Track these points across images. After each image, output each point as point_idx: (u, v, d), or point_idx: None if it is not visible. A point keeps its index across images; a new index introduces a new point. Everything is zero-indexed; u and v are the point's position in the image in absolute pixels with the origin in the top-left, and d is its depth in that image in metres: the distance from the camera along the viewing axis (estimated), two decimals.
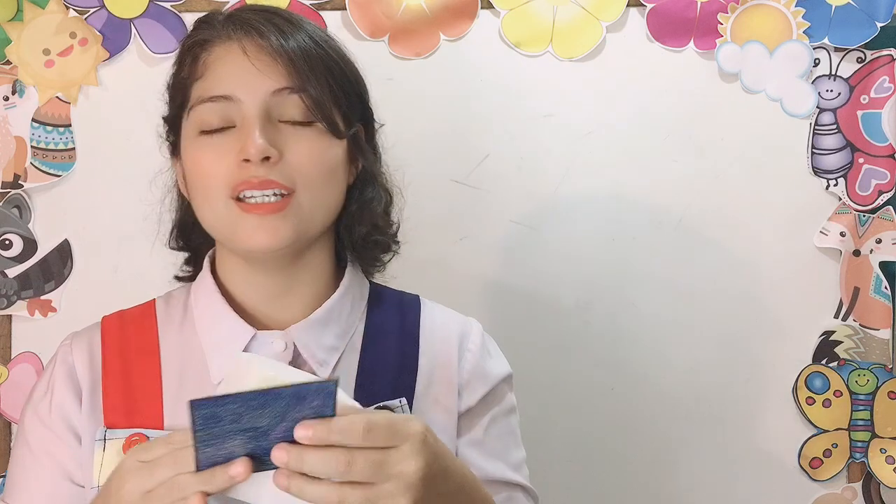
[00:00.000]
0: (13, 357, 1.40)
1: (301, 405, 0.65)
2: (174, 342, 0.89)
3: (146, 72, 1.38)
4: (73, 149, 1.40)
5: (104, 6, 1.38)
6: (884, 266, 1.41)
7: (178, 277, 0.98)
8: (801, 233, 1.41)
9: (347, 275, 0.92)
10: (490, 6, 1.39)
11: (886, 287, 1.41)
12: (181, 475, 0.67)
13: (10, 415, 1.39)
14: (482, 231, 1.42)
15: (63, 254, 1.41)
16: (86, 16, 1.38)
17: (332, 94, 0.85)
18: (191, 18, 1.34)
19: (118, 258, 1.40)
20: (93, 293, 1.40)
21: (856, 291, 1.41)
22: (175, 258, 0.99)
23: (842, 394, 1.41)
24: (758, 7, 1.38)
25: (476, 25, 1.39)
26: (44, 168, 1.40)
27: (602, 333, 1.43)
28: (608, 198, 1.42)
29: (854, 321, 1.41)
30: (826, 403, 1.41)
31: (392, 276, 0.98)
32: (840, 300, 1.42)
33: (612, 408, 1.43)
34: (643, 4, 1.39)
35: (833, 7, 1.37)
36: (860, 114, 1.40)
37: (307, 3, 1.37)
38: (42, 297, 1.40)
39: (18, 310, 1.40)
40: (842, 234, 1.40)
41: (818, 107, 1.40)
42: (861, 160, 1.40)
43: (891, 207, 1.40)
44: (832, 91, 1.40)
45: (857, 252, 1.41)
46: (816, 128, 1.40)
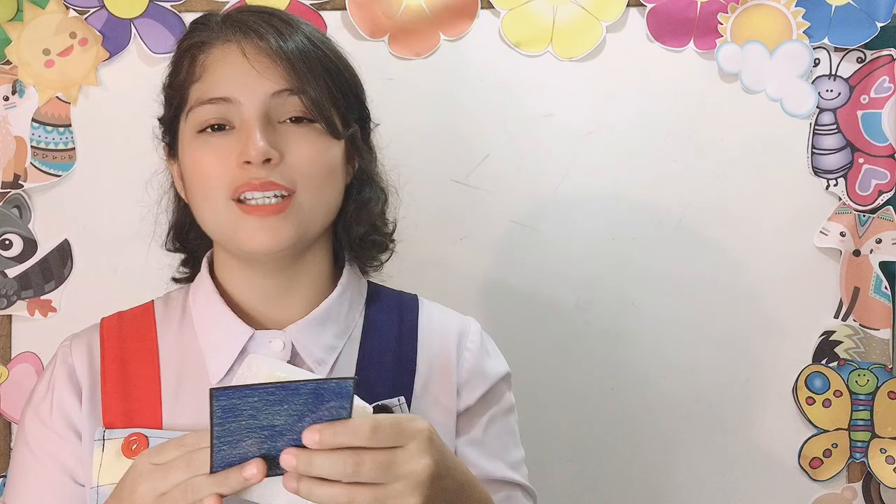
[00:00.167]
0: (13, 357, 1.40)
1: (318, 404, 0.65)
2: (173, 343, 0.89)
3: (146, 72, 1.38)
4: (73, 149, 1.40)
5: (104, 6, 1.38)
6: (884, 266, 1.41)
7: (176, 279, 0.98)
8: (801, 233, 1.41)
9: (345, 274, 0.92)
10: (490, 6, 1.39)
11: (886, 287, 1.41)
12: (196, 477, 0.68)
13: (10, 415, 1.39)
14: (482, 231, 1.42)
15: (63, 254, 1.41)
16: (86, 16, 1.38)
17: (331, 95, 0.85)
18: (191, 18, 1.33)
19: (118, 258, 1.40)
20: (93, 293, 1.40)
21: (856, 291, 1.41)
22: (174, 258, 0.99)
23: (842, 394, 1.41)
24: (758, 7, 1.38)
25: (476, 25, 1.39)
26: (44, 168, 1.40)
27: (602, 333, 1.43)
28: (608, 198, 1.42)
29: (854, 321, 1.41)
30: (826, 403, 1.41)
31: (389, 276, 0.98)
32: (840, 300, 1.42)
33: (612, 408, 1.43)
34: (643, 4, 1.39)
35: (833, 7, 1.37)
36: (860, 114, 1.40)
37: (307, 3, 1.37)
38: (42, 297, 1.41)
39: (18, 310, 1.41)
40: (842, 234, 1.40)
41: (818, 107, 1.40)
42: (861, 160, 1.40)
43: (891, 207, 1.40)
44: (832, 91, 1.40)
45: (857, 252, 1.41)
46: (816, 128, 1.40)
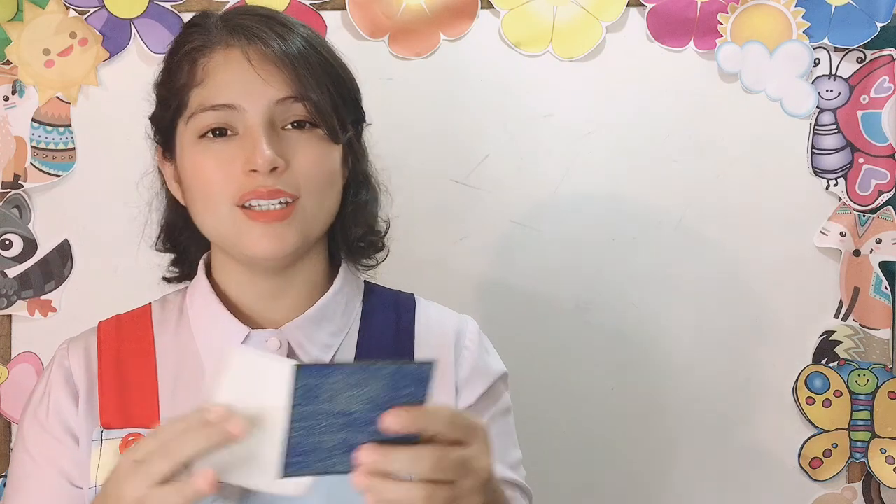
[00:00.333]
0: (13, 357, 1.40)
1: (395, 390, 0.64)
2: (170, 344, 0.89)
3: (146, 72, 1.34)
4: (73, 149, 1.40)
5: (104, 6, 1.38)
6: (884, 266, 1.41)
7: (166, 279, 0.98)
8: (801, 233, 1.41)
9: (341, 274, 0.93)
10: (490, 6, 1.39)
11: (886, 287, 1.41)
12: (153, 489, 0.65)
13: (10, 415, 1.39)
14: (482, 231, 1.42)
15: (63, 254, 1.41)
16: (86, 16, 1.38)
17: (332, 100, 0.85)
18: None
19: (118, 258, 1.40)
20: (93, 293, 1.40)
21: (856, 291, 1.41)
22: (171, 258, 0.99)
23: (842, 394, 1.41)
24: (758, 7, 1.38)
25: (476, 25, 1.39)
26: (44, 168, 1.40)
27: (602, 333, 1.43)
28: (608, 198, 1.42)
29: (854, 321, 1.41)
30: (826, 403, 1.41)
31: (387, 276, 0.97)
32: (840, 300, 1.42)
33: (612, 408, 1.43)
34: (643, 4, 1.39)
35: (833, 7, 1.37)
36: (860, 114, 1.40)
37: (307, 3, 1.37)
38: (42, 297, 1.41)
39: (18, 310, 1.41)
40: (842, 234, 1.40)
41: (818, 107, 1.40)
42: (861, 160, 1.40)
43: (891, 207, 1.40)
44: (832, 91, 1.40)
45: (857, 252, 1.41)
46: (816, 128, 1.40)
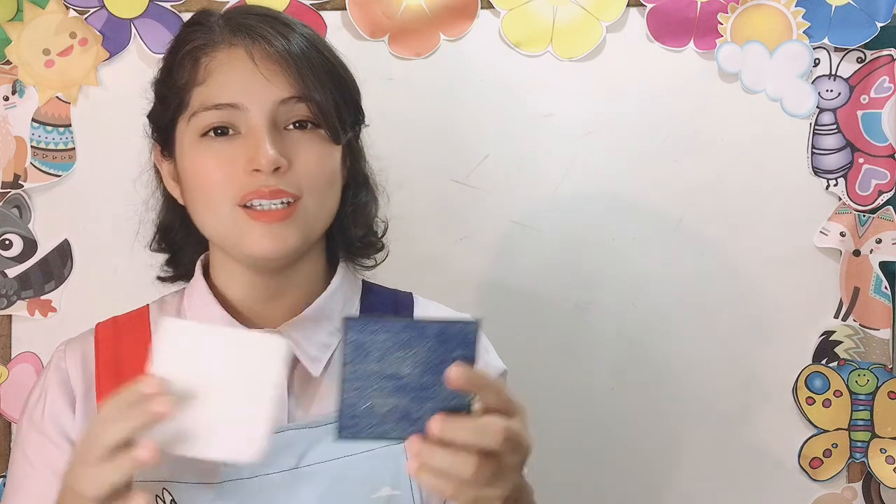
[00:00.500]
0: (13, 357, 1.40)
1: (443, 353, 0.65)
2: None
3: (146, 72, 1.34)
4: (73, 149, 1.40)
5: (104, 6, 1.38)
6: (884, 266, 1.41)
7: (161, 278, 0.98)
8: (801, 233, 1.41)
9: (339, 273, 0.93)
10: (490, 6, 1.39)
11: (886, 287, 1.41)
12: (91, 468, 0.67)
13: (10, 415, 1.39)
14: (482, 231, 1.42)
15: (63, 254, 1.41)
16: (86, 16, 1.38)
17: (334, 101, 0.85)
18: None
19: (118, 258, 1.40)
20: (93, 293, 1.40)
21: (856, 291, 1.41)
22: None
23: (842, 394, 1.41)
24: (758, 7, 1.38)
25: (476, 25, 1.39)
26: (44, 168, 1.40)
27: (602, 333, 1.43)
28: (608, 198, 1.42)
29: (854, 321, 1.41)
30: (826, 403, 1.41)
31: (387, 275, 0.97)
32: (840, 300, 1.42)
33: (612, 408, 1.43)
34: (643, 4, 1.38)
35: (833, 7, 1.37)
36: (860, 114, 1.40)
37: (307, 3, 1.37)
38: (42, 297, 1.40)
39: (18, 310, 1.40)
40: (842, 234, 1.40)
41: (818, 107, 1.40)
42: (861, 160, 1.40)
43: (891, 207, 1.40)
44: (832, 91, 1.40)
45: (857, 252, 1.41)
46: (816, 128, 1.40)
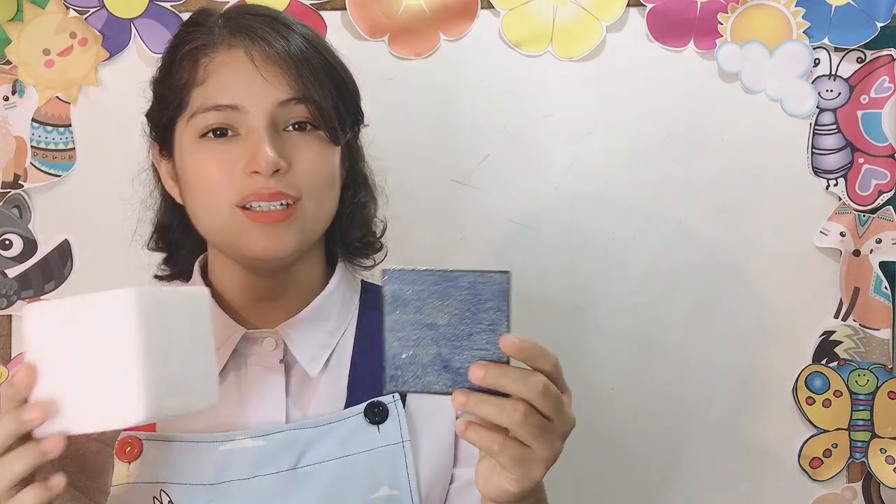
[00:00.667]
0: (13, 357, 1.40)
1: (477, 303, 0.67)
2: None
3: (146, 72, 1.35)
4: (73, 149, 1.40)
5: (104, 6, 1.38)
6: (884, 266, 1.41)
7: (158, 276, 0.98)
8: (801, 233, 1.41)
9: (337, 273, 0.93)
10: (490, 6, 1.39)
11: (886, 287, 1.41)
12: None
13: None
14: (482, 231, 1.42)
15: (63, 254, 1.41)
16: (86, 16, 1.38)
17: (334, 102, 0.85)
18: None
19: (118, 258, 1.39)
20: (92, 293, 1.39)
21: (856, 291, 1.41)
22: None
23: (842, 394, 1.41)
24: (758, 7, 1.38)
25: (476, 25, 1.39)
26: (44, 168, 1.40)
27: (602, 333, 1.43)
28: (608, 198, 1.42)
29: (854, 321, 1.41)
30: (826, 403, 1.41)
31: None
32: (840, 300, 1.42)
33: (612, 408, 1.43)
34: (643, 4, 1.38)
35: (833, 7, 1.37)
36: (860, 114, 1.40)
37: (307, 3, 1.37)
38: (42, 297, 1.40)
39: (18, 310, 1.40)
40: (842, 234, 1.40)
41: (818, 107, 1.40)
42: (861, 160, 1.40)
43: (891, 207, 1.40)
44: (832, 91, 1.40)
45: (857, 252, 1.41)
46: (816, 128, 1.40)
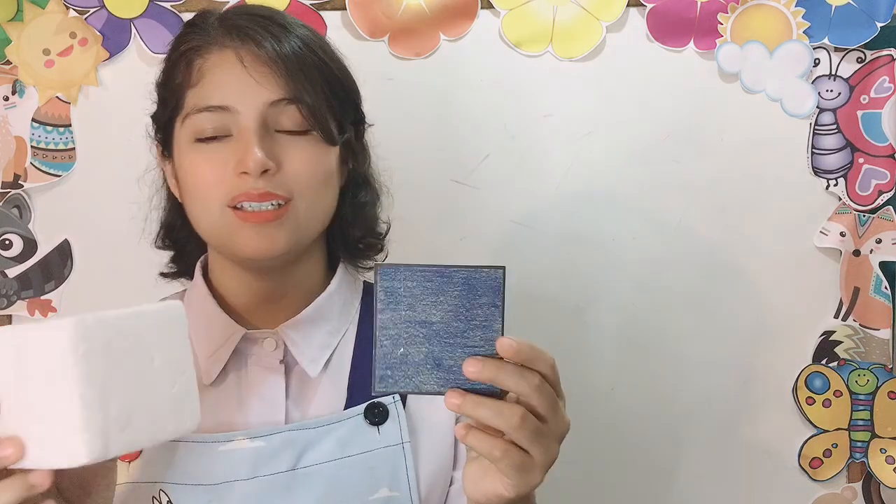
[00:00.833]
0: None
1: (471, 299, 0.67)
2: None
3: (146, 72, 1.36)
4: (73, 149, 1.40)
5: (104, 6, 1.38)
6: (884, 266, 1.41)
7: (164, 274, 0.98)
8: (801, 233, 1.41)
9: (338, 274, 0.93)
10: (490, 6, 1.39)
11: (886, 287, 1.41)
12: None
13: None
14: (482, 231, 1.42)
15: (63, 254, 1.41)
16: (86, 16, 1.38)
17: (328, 102, 0.85)
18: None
19: (118, 258, 1.40)
20: (93, 293, 1.39)
21: (856, 291, 1.41)
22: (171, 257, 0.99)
23: (842, 394, 1.41)
24: (758, 7, 1.38)
25: (476, 25, 1.39)
26: (44, 168, 1.40)
27: (602, 333, 1.43)
28: (608, 198, 1.42)
29: (854, 321, 1.41)
30: (826, 403, 1.41)
31: None
32: (840, 300, 1.42)
33: (612, 408, 1.43)
34: (643, 4, 1.38)
35: (833, 7, 1.37)
36: (860, 114, 1.40)
37: (307, 3, 1.37)
38: (42, 297, 1.40)
39: (18, 310, 1.40)
40: (842, 234, 1.40)
41: (818, 107, 1.40)
42: (861, 160, 1.40)
43: (891, 207, 1.40)
44: (832, 91, 1.40)
45: (857, 252, 1.41)
46: (816, 128, 1.40)
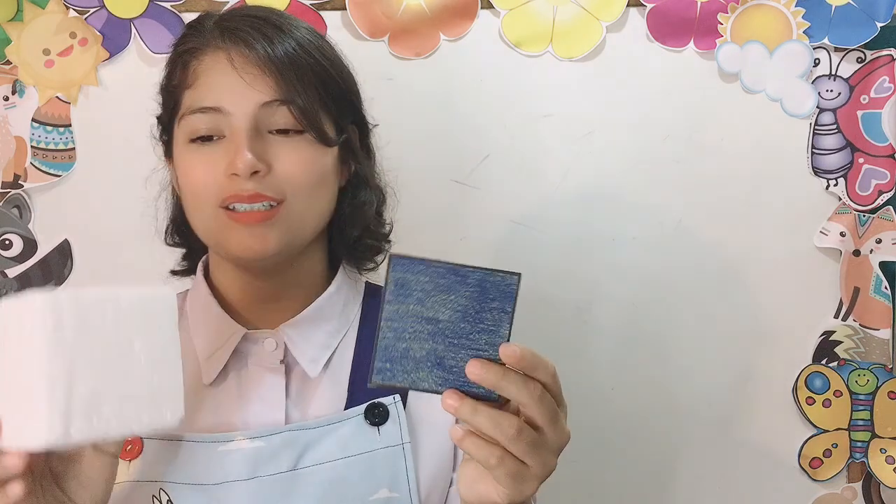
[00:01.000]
0: None
1: (482, 301, 0.66)
2: None
3: (146, 72, 1.38)
4: (73, 149, 1.40)
5: (104, 6, 1.38)
6: (884, 266, 1.41)
7: (174, 271, 0.98)
8: (801, 233, 1.41)
9: (339, 274, 0.93)
10: (490, 6, 1.39)
11: (886, 287, 1.41)
12: None
13: None
14: (482, 231, 1.42)
15: (63, 254, 1.41)
16: (86, 16, 1.38)
17: (322, 103, 0.85)
18: (191, 18, 1.34)
19: (118, 258, 1.40)
20: None
21: (856, 291, 1.41)
22: (173, 257, 0.99)
23: (842, 394, 1.41)
24: (758, 7, 1.38)
25: (476, 25, 1.39)
26: (44, 168, 1.40)
27: (602, 333, 1.43)
28: (608, 198, 1.42)
29: (854, 321, 1.41)
30: (826, 403, 1.41)
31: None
32: (840, 300, 1.42)
33: (612, 408, 1.43)
34: (643, 4, 1.38)
35: (833, 7, 1.37)
36: (860, 114, 1.40)
37: (307, 3, 1.37)
38: None
39: None
40: (842, 234, 1.40)
41: (818, 107, 1.40)
42: (861, 160, 1.40)
43: (891, 207, 1.40)
44: (832, 91, 1.40)
45: (857, 252, 1.41)
46: (816, 128, 1.40)
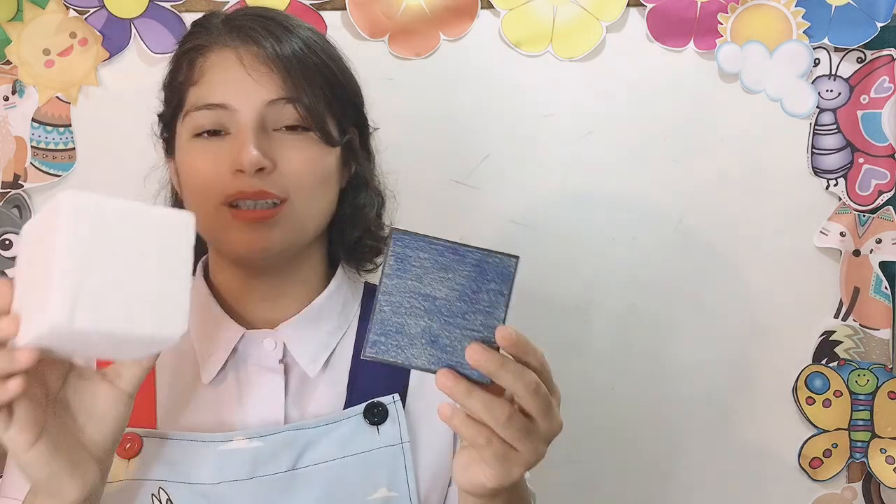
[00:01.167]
0: None
1: (480, 282, 0.66)
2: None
3: (146, 72, 1.38)
4: (73, 149, 1.40)
5: (104, 6, 1.38)
6: (884, 266, 1.41)
7: None
8: (801, 233, 1.41)
9: (338, 274, 0.93)
10: (490, 6, 1.39)
11: (886, 287, 1.41)
12: None
13: None
14: (482, 231, 1.42)
15: None
16: (86, 16, 1.38)
17: (327, 103, 0.85)
18: (191, 18, 1.34)
19: None
20: None
21: (856, 291, 1.41)
22: None
23: (842, 394, 1.41)
24: (758, 7, 1.38)
25: (476, 25, 1.39)
26: (44, 168, 1.40)
27: (602, 333, 1.43)
28: (608, 198, 1.42)
29: (854, 321, 1.41)
30: (826, 403, 1.41)
31: None
32: (840, 300, 1.42)
33: (612, 408, 1.43)
34: (643, 4, 1.38)
35: (833, 7, 1.37)
36: (860, 114, 1.40)
37: (307, 3, 1.37)
38: None
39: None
40: (842, 234, 1.40)
41: (818, 107, 1.40)
42: (861, 160, 1.40)
43: (891, 207, 1.40)
44: (832, 91, 1.40)
45: (857, 252, 1.41)
46: (816, 128, 1.40)
